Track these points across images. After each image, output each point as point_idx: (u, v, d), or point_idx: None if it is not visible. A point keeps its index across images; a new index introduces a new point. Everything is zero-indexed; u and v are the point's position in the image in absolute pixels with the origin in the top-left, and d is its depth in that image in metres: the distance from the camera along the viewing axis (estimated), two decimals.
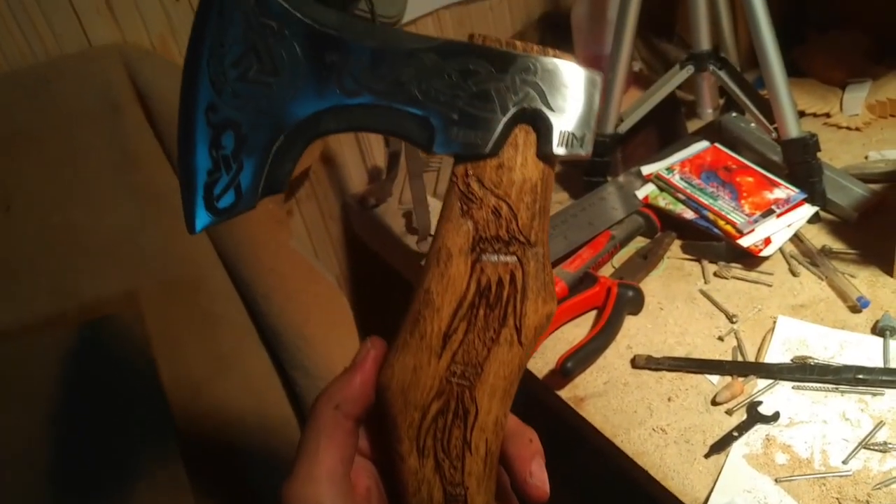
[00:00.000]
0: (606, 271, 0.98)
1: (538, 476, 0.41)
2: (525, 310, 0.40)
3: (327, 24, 0.38)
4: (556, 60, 0.39)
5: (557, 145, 0.39)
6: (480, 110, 0.38)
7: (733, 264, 0.94)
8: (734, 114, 1.12)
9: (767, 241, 0.92)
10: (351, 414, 0.40)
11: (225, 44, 0.37)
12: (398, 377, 0.39)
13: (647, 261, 0.96)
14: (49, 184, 0.97)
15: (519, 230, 0.39)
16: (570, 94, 0.39)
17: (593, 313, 0.92)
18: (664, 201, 1.01)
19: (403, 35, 0.39)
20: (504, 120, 0.38)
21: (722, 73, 1.00)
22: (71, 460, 0.92)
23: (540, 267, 0.40)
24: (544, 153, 0.39)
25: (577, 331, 0.90)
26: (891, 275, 0.87)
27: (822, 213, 0.97)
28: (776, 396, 0.76)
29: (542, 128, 0.39)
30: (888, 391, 0.74)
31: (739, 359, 0.82)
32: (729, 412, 0.76)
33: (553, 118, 0.39)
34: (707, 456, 0.72)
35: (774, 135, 0.96)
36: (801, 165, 0.96)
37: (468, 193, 0.39)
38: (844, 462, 0.69)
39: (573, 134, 0.39)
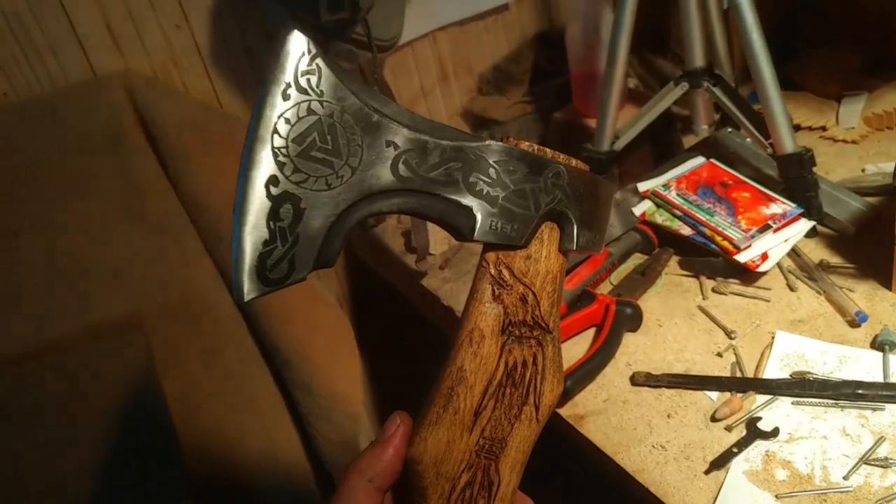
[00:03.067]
0: (604, 288, 0.99)
1: None
2: (543, 389, 0.44)
3: (386, 112, 0.40)
4: (580, 169, 0.44)
5: (576, 243, 0.44)
6: (517, 206, 0.42)
7: (731, 280, 0.94)
8: (730, 129, 1.12)
9: (765, 257, 0.92)
10: (382, 487, 0.42)
11: (290, 121, 0.38)
12: (431, 451, 0.42)
13: (645, 277, 0.96)
14: (56, 210, 0.99)
15: (541, 316, 0.43)
16: (589, 199, 0.44)
17: (592, 331, 0.93)
18: (661, 218, 1.01)
19: (451, 130, 0.42)
20: (536, 216, 0.43)
21: (716, 90, 1.00)
22: (77, 481, 0.92)
23: (556, 351, 0.44)
24: (564, 248, 0.44)
25: (575, 349, 0.91)
26: (889, 288, 0.87)
27: (820, 228, 0.98)
28: (775, 412, 0.77)
29: (565, 226, 0.44)
30: (888, 406, 0.74)
31: (738, 375, 0.82)
32: (728, 428, 0.76)
33: (574, 218, 0.44)
34: (707, 472, 0.72)
35: (770, 150, 0.97)
36: (797, 180, 0.96)
37: (500, 279, 0.43)
38: (845, 478, 0.69)
39: (589, 234, 0.45)
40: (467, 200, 0.41)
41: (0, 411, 0.94)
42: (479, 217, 0.41)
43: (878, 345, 0.80)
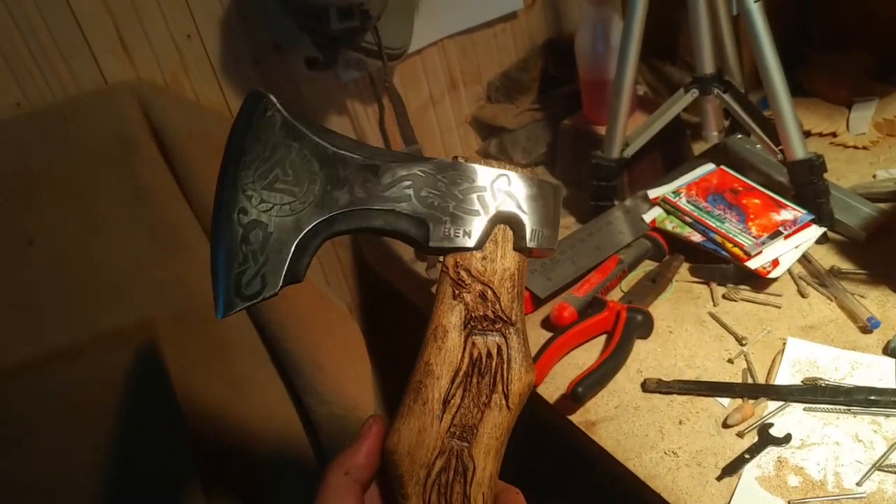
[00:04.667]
0: (615, 295, 0.99)
1: None
2: (511, 377, 0.47)
3: (339, 145, 0.45)
4: (527, 175, 0.48)
5: (530, 241, 0.48)
6: (467, 213, 0.47)
7: (742, 286, 0.94)
8: (739, 136, 1.12)
9: (775, 263, 0.92)
10: (359, 479, 0.45)
11: (256, 159, 0.44)
12: (404, 440, 0.44)
13: (655, 284, 0.96)
14: (68, 218, 0.99)
15: (502, 311, 0.47)
16: (537, 200, 0.49)
17: (603, 338, 0.92)
18: (671, 224, 1.01)
19: (400, 154, 0.47)
20: (486, 220, 0.47)
21: (726, 97, 1.00)
22: (91, 488, 0.93)
23: (521, 341, 0.47)
24: (519, 247, 0.48)
25: (586, 356, 0.91)
26: None
27: (831, 234, 0.97)
28: (787, 418, 0.76)
29: (516, 227, 0.48)
30: None
31: (749, 381, 0.82)
32: (740, 434, 0.76)
33: (525, 219, 0.48)
34: (719, 478, 0.72)
35: (780, 156, 0.97)
36: (807, 186, 0.96)
37: (458, 280, 0.47)
38: (858, 484, 0.69)
39: (542, 231, 0.49)
40: (420, 213, 0.46)
41: (13, 419, 0.95)
42: (431, 227, 0.46)
43: (890, 351, 0.80)
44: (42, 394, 0.96)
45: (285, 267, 0.43)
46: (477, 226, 0.47)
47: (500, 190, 0.47)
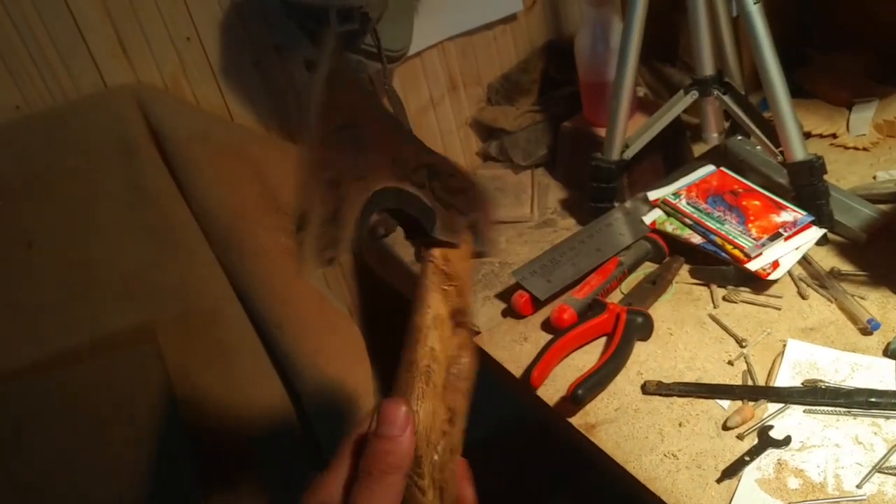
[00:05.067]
0: (615, 297, 0.98)
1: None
2: (472, 366, 0.50)
3: (388, 119, 0.47)
4: (483, 185, 0.53)
5: (482, 244, 0.53)
6: (460, 212, 0.50)
7: (742, 288, 0.94)
8: (739, 137, 1.12)
9: (775, 265, 0.92)
10: (408, 475, 0.44)
11: (337, 115, 0.43)
12: (423, 421, 0.45)
13: (655, 286, 0.96)
14: (68, 222, 0.99)
15: (468, 306, 0.51)
16: (489, 207, 0.53)
17: (603, 340, 0.92)
18: (671, 226, 1.01)
19: (422, 143, 0.49)
20: (466, 222, 0.51)
21: (726, 98, 1.00)
22: (91, 489, 0.93)
23: (472, 337, 0.51)
24: (476, 250, 0.53)
25: (586, 358, 0.90)
26: None
27: (831, 235, 0.97)
28: (787, 420, 0.76)
29: (476, 231, 0.52)
30: None
31: (750, 383, 0.82)
32: (740, 437, 0.76)
33: (482, 225, 0.52)
34: (719, 481, 0.72)
35: (780, 158, 0.97)
36: (807, 188, 0.96)
37: (446, 273, 0.50)
38: (858, 486, 0.69)
39: (489, 237, 0.53)
40: (431, 203, 0.48)
41: (13, 420, 0.95)
42: (437, 218, 0.49)
43: (890, 352, 0.80)
44: (42, 395, 0.97)
45: (353, 236, 0.42)
46: (460, 225, 0.50)
47: (473, 196, 0.51)
